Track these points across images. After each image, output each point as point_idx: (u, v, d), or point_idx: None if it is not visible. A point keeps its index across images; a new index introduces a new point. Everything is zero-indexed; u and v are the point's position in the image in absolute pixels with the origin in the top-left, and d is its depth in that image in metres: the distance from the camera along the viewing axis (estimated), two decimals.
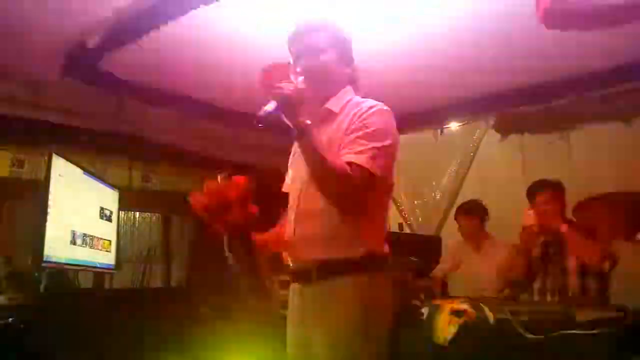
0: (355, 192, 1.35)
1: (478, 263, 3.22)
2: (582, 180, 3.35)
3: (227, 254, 1.47)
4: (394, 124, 1.46)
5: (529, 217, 2.58)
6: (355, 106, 1.48)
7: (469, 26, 2.75)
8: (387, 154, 1.41)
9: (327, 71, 1.51)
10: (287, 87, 1.33)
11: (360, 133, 1.40)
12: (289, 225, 1.51)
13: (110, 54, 3.02)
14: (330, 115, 1.51)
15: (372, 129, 1.40)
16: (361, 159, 1.35)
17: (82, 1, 2.51)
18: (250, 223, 1.43)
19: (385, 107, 1.47)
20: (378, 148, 1.38)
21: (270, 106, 1.31)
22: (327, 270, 1.40)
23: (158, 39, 2.80)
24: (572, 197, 2.88)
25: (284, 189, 1.64)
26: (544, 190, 2.67)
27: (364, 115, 1.42)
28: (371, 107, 1.44)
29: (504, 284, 2.94)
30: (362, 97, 1.54)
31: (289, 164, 1.65)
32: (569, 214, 2.83)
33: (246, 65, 3.12)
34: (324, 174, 1.35)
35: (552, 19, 2.64)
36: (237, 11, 2.61)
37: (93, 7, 2.55)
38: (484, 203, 3.37)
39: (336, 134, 1.45)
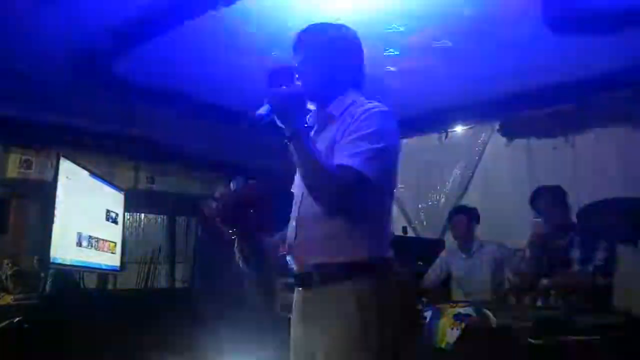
0: (349, 196, 1.32)
1: (469, 266, 3.25)
2: (588, 185, 3.34)
3: (237, 256, 1.47)
4: (393, 125, 1.42)
5: (537, 224, 2.59)
6: (355, 108, 1.44)
7: (474, 30, 2.75)
8: (384, 156, 1.37)
9: (326, 75, 1.49)
10: (280, 91, 1.33)
11: (356, 135, 1.36)
12: (290, 229, 1.50)
13: (118, 57, 3.05)
14: (331, 119, 1.48)
15: (369, 130, 1.35)
16: (355, 162, 1.31)
17: (92, 6, 2.54)
18: (261, 226, 1.43)
19: (385, 108, 1.42)
20: (374, 150, 1.34)
21: (264, 109, 1.31)
22: (329, 274, 1.39)
23: (165, 43, 2.83)
24: (577, 202, 2.87)
25: (292, 189, 1.64)
26: (545, 196, 2.67)
27: (362, 117, 1.39)
28: (369, 109, 1.40)
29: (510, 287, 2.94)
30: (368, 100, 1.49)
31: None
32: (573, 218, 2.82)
33: (253, 67, 3.14)
34: (315, 178, 1.33)
35: (558, 23, 2.64)
36: (244, 14, 2.63)
37: (103, 12, 2.59)
38: (475, 208, 3.39)
39: (336, 138, 1.42)
